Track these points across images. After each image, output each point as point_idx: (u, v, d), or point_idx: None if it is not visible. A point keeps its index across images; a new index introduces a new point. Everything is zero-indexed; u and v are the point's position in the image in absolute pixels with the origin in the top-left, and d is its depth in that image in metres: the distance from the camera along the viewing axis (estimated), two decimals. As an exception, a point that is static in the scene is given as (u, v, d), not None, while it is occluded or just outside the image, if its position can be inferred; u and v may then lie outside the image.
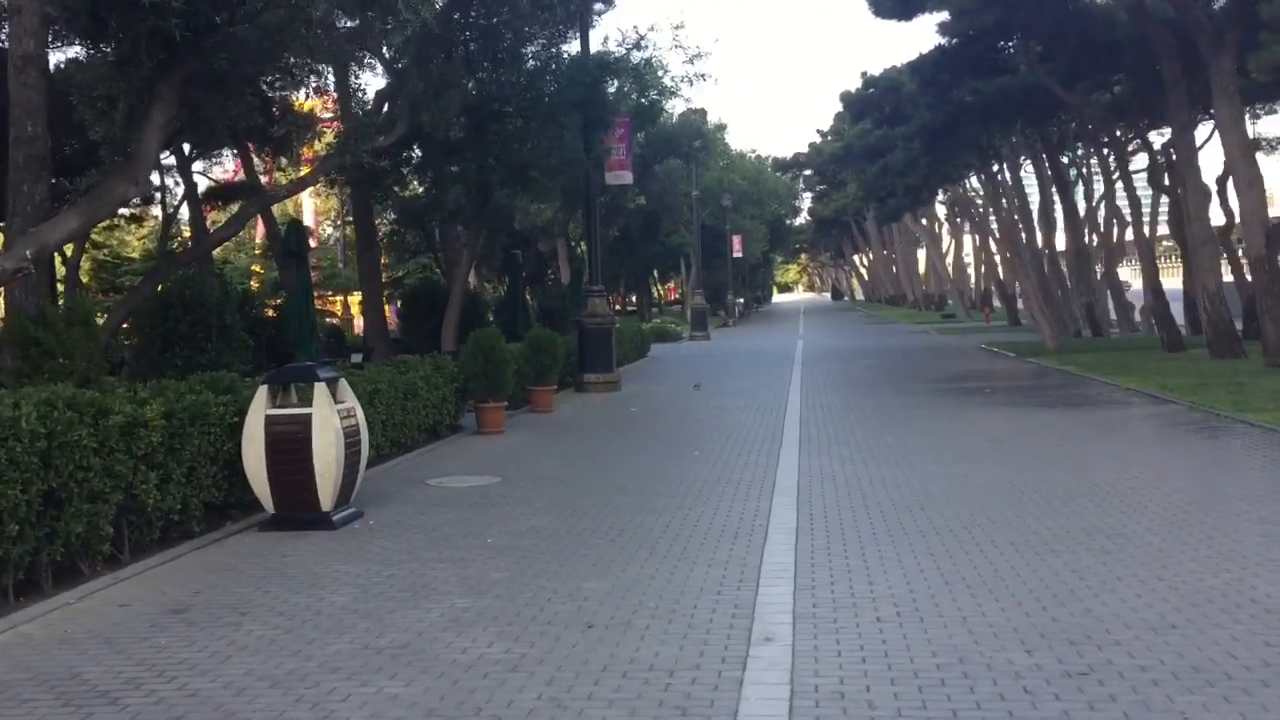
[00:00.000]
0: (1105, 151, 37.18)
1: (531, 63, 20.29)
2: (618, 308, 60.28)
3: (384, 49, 17.31)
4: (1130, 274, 53.15)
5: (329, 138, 28.41)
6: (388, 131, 16.96)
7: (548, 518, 9.01)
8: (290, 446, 8.85)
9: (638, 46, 20.30)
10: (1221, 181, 25.15)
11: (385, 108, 19.53)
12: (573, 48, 20.81)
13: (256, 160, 25.64)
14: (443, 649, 5.59)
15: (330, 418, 8.88)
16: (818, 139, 74.80)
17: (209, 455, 8.68)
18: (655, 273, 72.44)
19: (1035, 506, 8.56)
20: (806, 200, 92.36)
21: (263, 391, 9.01)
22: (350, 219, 65.78)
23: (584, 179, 20.79)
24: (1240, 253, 27.52)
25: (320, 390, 8.96)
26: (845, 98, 38.12)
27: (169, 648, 5.80)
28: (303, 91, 18.49)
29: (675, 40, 29.74)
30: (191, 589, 7.03)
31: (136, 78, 10.60)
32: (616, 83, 19.88)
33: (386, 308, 40.23)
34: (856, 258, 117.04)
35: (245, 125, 20.96)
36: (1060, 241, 38.59)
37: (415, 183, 28.39)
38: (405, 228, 31.90)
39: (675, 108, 41.20)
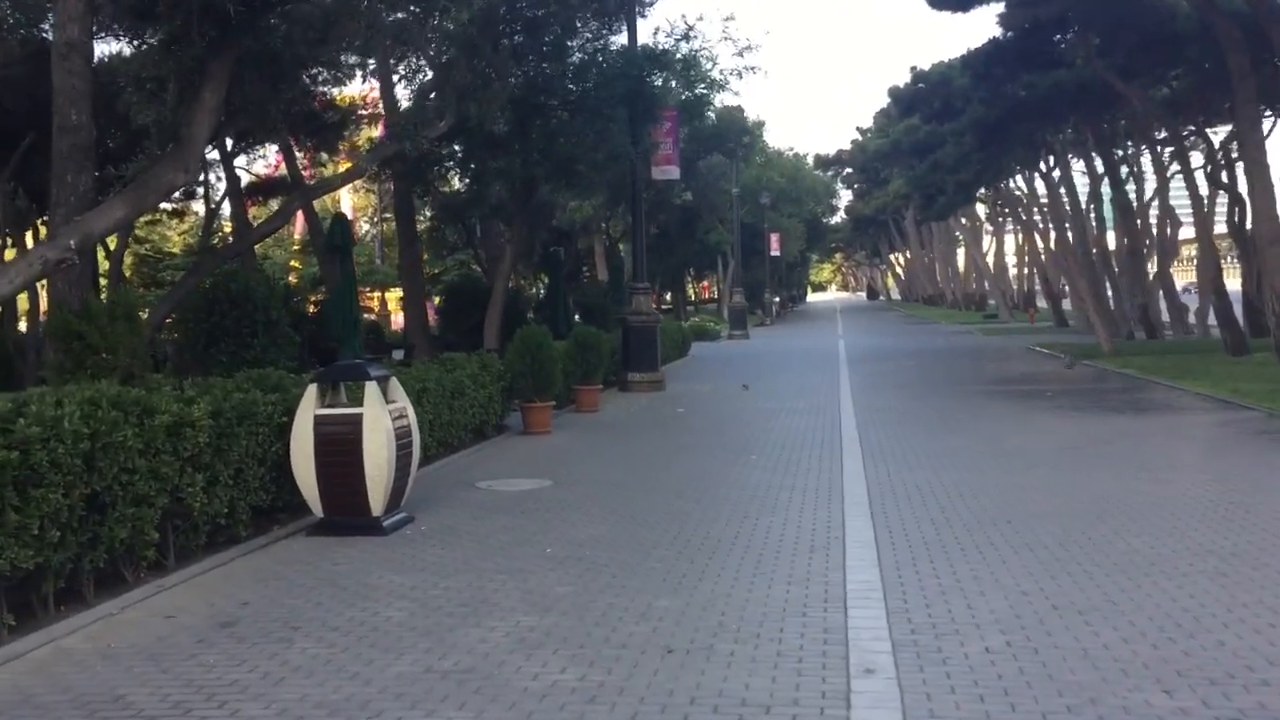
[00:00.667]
0: (1158, 148, 36.42)
1: (578, 55, 19.88)
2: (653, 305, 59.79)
3: (429, 43, 16.92)
4: (1178, 275, 52.05)
5: (370, 132, 28.17)
6: (435, 123, 16.58)
7: (606, 525, 8.57)
8: (340, 448, 8.45)
9: (686, 38, 19.83)
10: (1250, 179, 24.18)
11: (432, 98, 19.19)
12: (620, 39, 20.35)
13: (298, 155, 25.41)
14: (512, 674, 5.15)
15: (382, 418, 8.48)
16: (857, 137, 73.94)
17: (257, 456, 8.30)
18: (690, 271, 71.93)
19: (1130, 522, 8.02)
20: (844, 199, 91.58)
21: (312, 390, 8.63)
22: (388, 215, 65.88)
23: (630, 173, 20.32)
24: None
25: (371, 389, 8.55)
26: (894, 92, 37.37)
27: (218, 667, 5.39)
28: (354, 80, 18.14)
29: (725, 32, 29.13)
30: (239, 599, 6.64)
31: (187, 57, 10.22)
32: (665, 75, 19.39)
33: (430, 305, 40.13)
34: (893, 257, 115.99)
35: (293, 114, 20.83)
36: (1110, 240, 37.80)
37: (456, 178, 28.18)
38: (445, 224, 31.65)
39: (720, 102, 40.79)
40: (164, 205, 31.57)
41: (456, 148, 21.38)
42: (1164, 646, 5.19)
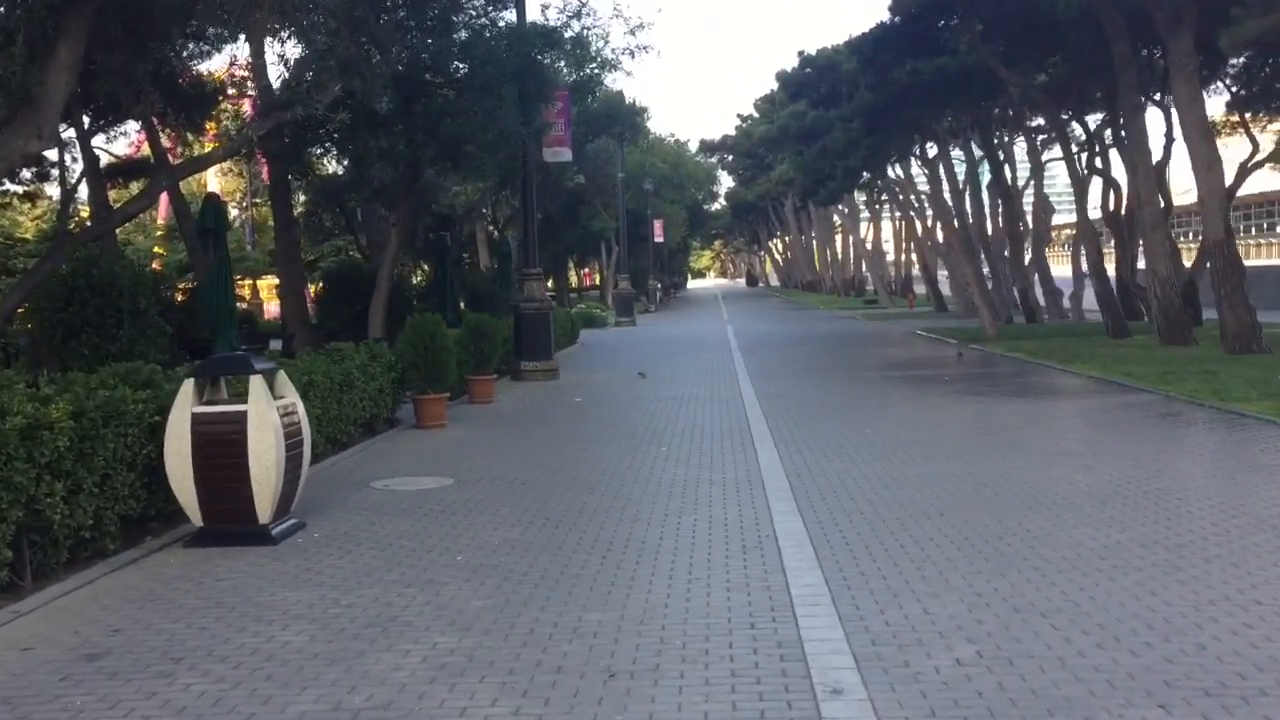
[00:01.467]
0: (1034, 136, 37.16)
1: (464, 31, 19.05)
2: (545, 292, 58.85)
3: (310, 12, 15.92)
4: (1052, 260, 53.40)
5: (242, 109, 26.77)
6: (315, 98, 15.60)
7: (519, 527, 7.95)
8: (222, 449, 7.64)
9: (578, 15, 19.17)
10: (1161, 165, 24.80)
11: (310, 76, 18.17)
12: (509, 16, 19.57)
13: (162, 136, 23.91)
14: (435, 709, 4.52)
15: (269, 415, 7.70)
16: (739, 123, 74.10)
17: (126, 461, 7.43)
18: (573, 258, 71.21)
19: (1065, 512, 7.75)
20: (724, 185, 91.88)
21: (188, 385, 7.78)
22: (259, 200, 63.49)
23: (521, 155, 19.59)
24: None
25: (257, 384, 7.76)
26: (781, 77, 37.30)
27: (86, 710, 4.64)
28: (224, 53, 17.00)
29: (616, 9, 28.49)
30: (109, 625, 5.84)
31: (39, 5, 9.16)
32: (556, 53, 18.72)
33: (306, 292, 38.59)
34: (772, 243, 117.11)
35: (159, 85, 19.49)
36: (987, 226, 38.41)
37: (335, 161, 26.97)
38: (322, 208, 30.40)
39: (612, 82, 40.05)
40: (14, 188, 29.62)
41: (333, 129, 20.38)
42: (1143, 653, 4.84)
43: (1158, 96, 27.97)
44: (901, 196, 47.14)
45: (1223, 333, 18.55)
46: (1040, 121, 37.62)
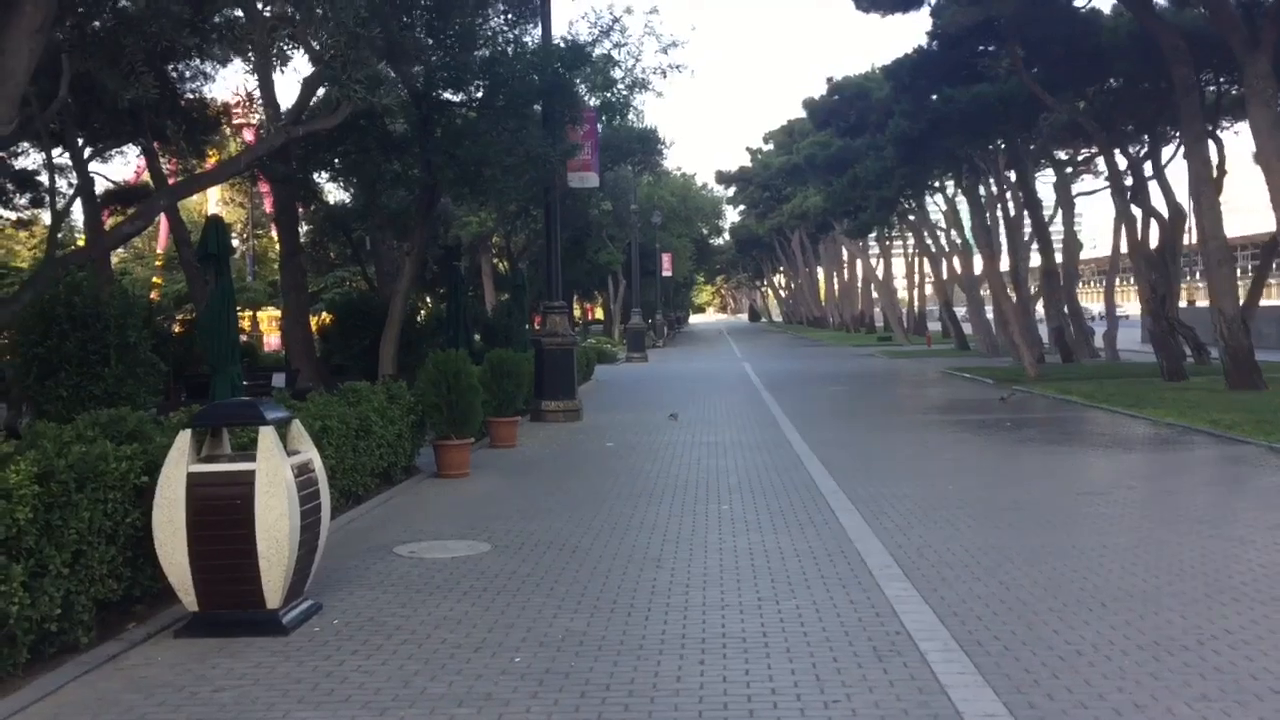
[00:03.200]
0: (1067, 170, 35.99)
1: (483, 50, 17.80)
2: (538, 326, 57.62)
3: (326, 21, 14.67)
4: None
5: (244, 136, 25.51)
6: (327, 114, 14.32)
7: (581, 614, 6.53)
8: (224, 517, 6.25)
9: (609, 32, 17.90)
10: (1196, 197, 23.33)
11: (322, 92, 16.91)
12: (536, 32, 18.35)
13: (163, 161, 22.65)
14: None
15: (282, 475, 6.29)
16: (748, 156, 73.04)
17: (105, 533, 6.03)
18: (577, 292, 69.98)
19: (1260, 604, 6.34)
20: (730, 218, 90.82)
21: (184, 438, 6.38)
22: (259, 231, 62.25)
23: (548, 179, 18.27)
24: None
25: (268, 436, 6.35)
26: (809, 104, 36.08)
27: None
28: (222, 83, 15.73)
29: (649, 27, 26.97)
30: (73, 764, 4.41)
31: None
32: (586, 71, 17.44)
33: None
34: (776, 278, 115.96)
35: (154, 110, 18.21)
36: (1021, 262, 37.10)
37: (343, 187, 25.68)
38: (328, 237, 29.11)
39: (642, 103, 38.75)
40: (8, 214, 28.29)
41: (344, 152, 19.09)
42: None
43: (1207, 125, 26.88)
44: (921, 231, 45.87)
45: (1306, 377, 17.17)
46: (1064, 155, 36.56)
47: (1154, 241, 28.04)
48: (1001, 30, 22.66)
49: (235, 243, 55.63)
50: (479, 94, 17.96)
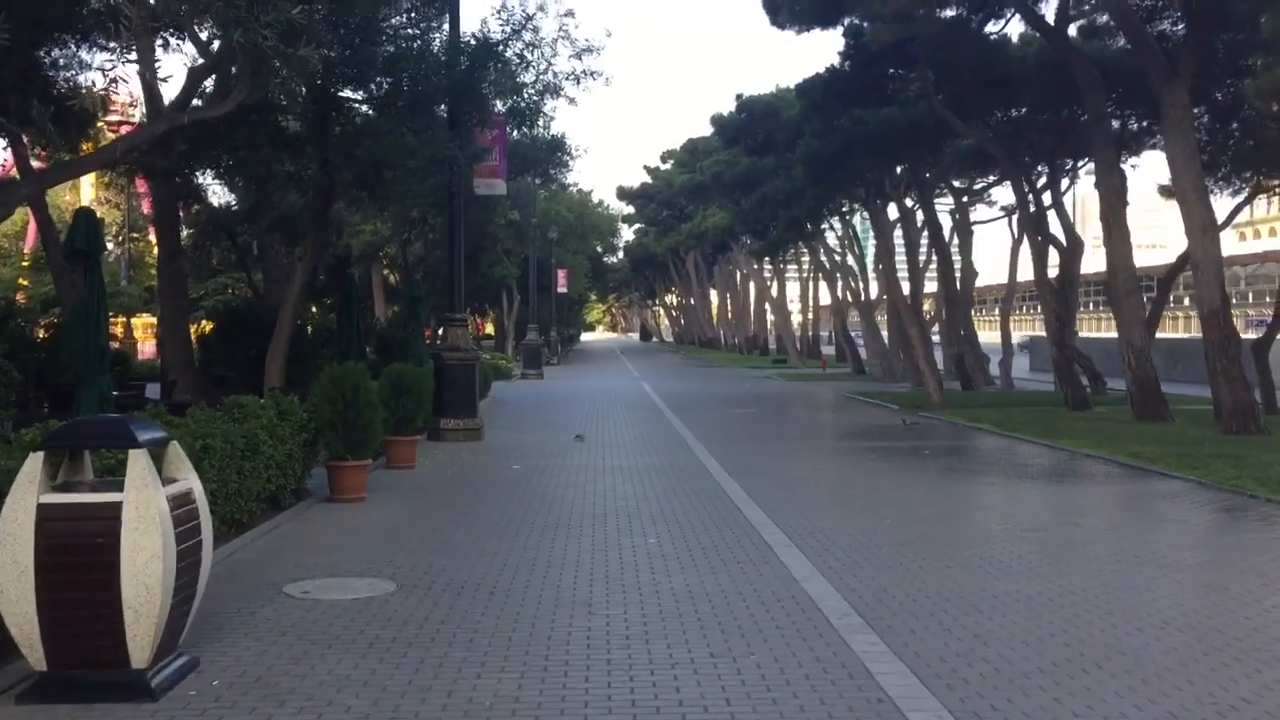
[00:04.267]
0: (964, 199, 36.23)
1: (387, 46, 16.74)
2: (435, 340, 56.12)
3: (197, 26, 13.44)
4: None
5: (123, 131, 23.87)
6: (218, 102, 13.13)
7: (509, 672, 5.64)
8: (82, 558, 5.21)
9: (520, 31, 16.98)
10: (1106, 226, 23.34)
11: (212, 82, 15.64)
12: (442, 27, 17.35)
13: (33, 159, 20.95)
14: None
15: (155, 506, 5.27)
16: (645, 176, 72.68)
17: (-71, 578, 4.93)
18: (470, 307, 68.56)
19: (1266, 664, 5.76)
20: (626, 236, 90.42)
21: (35, 462, 5.31)
22: (135, 235, 59.40)
23: (454, 184, 17.26)
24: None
25: (139, 463, 5.32)
26: (718, 121, 35.59)
27: None
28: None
29: (563, 29, 25.94)
30: None
31: None
32: (498, 69, 16.49)
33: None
34: (669, 298, 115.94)
35: (14, 95, 16.71)
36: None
37: (227, 187, 24.25)
38: (211, 240, 27.55)
39: (553, 109, 37.81)
40: None
41: (233, 147, 17.78)
42: None
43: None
44: (819, 253, 45.87)
45: (1217, 410, 17.08)
46: (959, 184, 36.82)
47: (1053, 271, 28.26)
48: (913, 54, 22.45)
49: (110, 245, 52.93)
50: (381, 92, 16.91)
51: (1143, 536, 9.54)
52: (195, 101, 16.55)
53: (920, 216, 33.92)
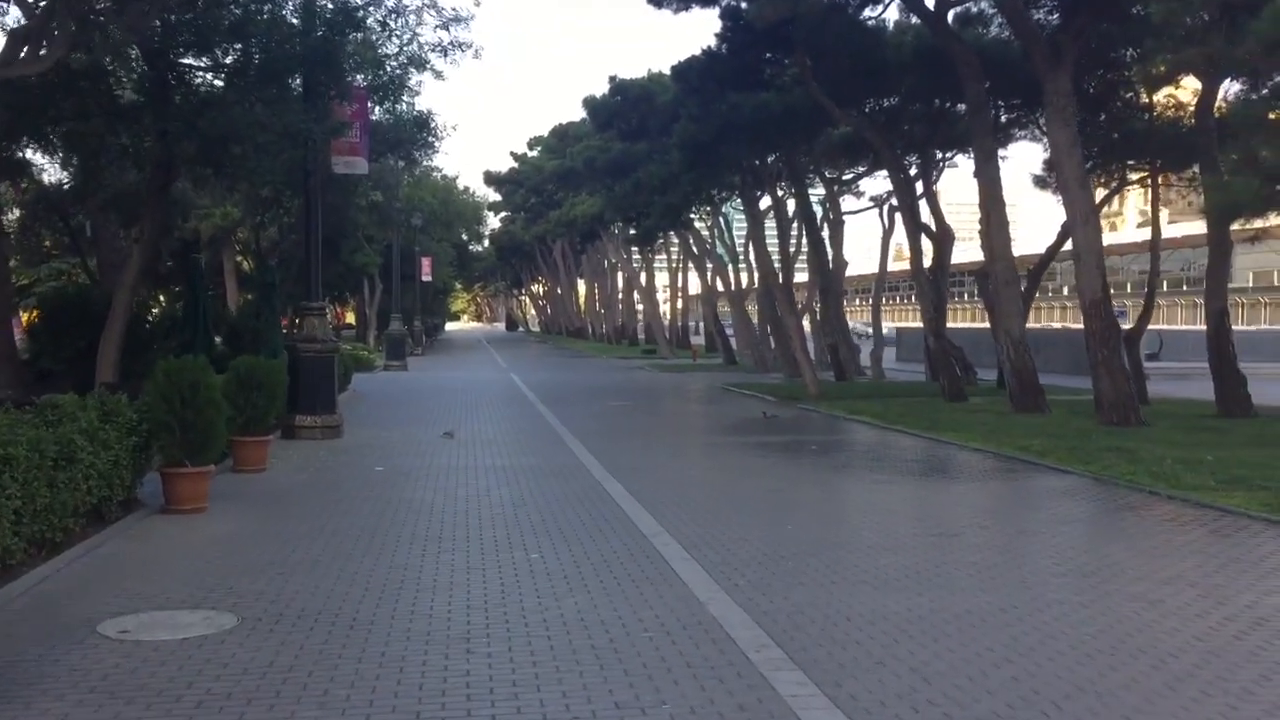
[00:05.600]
0: (835, 188, 36.11)
1: (235, 10, 15.31)
2: (291, 330, 53.71)
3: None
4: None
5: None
6: (32, 59, 11.61)
7: (372, 734, 4.62)
8: None
9: (379, -3, 15.72)
10: (985, 215, 23.22)
11: (27, 44, 13.99)
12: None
13: None
14: None
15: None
16: (512, 163, 71.20)
17: None
18: (330, 295, 66.10)
19: (1239, 695, 5.13)
20: (492, 224, 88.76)
21: None
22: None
23: (309, 161, 15.90)
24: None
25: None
26: (590, 104, 34.51)
27: None
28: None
29: None
30: None
31: None
32: (357, 42, 15.24)
33: (15, 321, 32.58)
34: (535, 287, 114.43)
35: None
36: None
37: (58, 163, 22.24)
38: (41, 222, 25.39)
39: (418, 84, 35.92)
40: None
41: (58, 117, 16.08)
42: None
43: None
44: (688, 241, 45.35)
45: (1098, 402, 16.94)
46: (830, 174, 36.71)
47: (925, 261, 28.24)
48: (792, 38, 21.90)
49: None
50: (228, 59, 15.47)
51: (1057, 541, 8.99)
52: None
53: (791, 205, 33.75)
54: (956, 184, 53.25)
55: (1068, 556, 8.31)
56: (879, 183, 38.24)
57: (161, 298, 32.51)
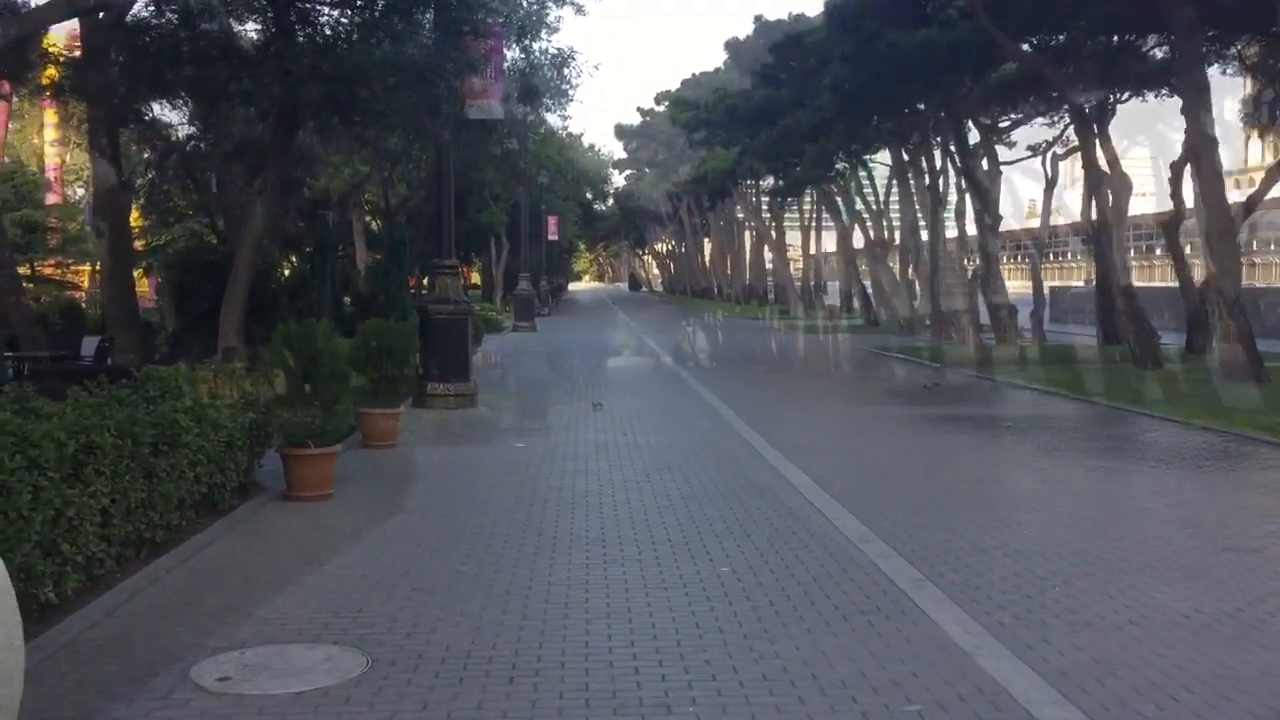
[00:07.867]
0: (992, 137, 33.45)
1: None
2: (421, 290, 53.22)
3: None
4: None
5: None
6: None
7: None
8: None
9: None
10: (1195, 160, 20.54)
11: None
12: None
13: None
14: None
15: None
16: (639, 117, 69.51)
17: None
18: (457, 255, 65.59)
19: None
20: (616, 183, 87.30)
21: None
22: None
23: (441, 103, 14.47)
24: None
25: None
26: (732, 45, 32.82)
27: None
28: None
29: None
30: None
31: None
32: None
33: (144, 279, 32.30)
34: (660, 246, 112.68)
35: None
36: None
37: (180, 110, 21.34)
38: (171, 180, 24.70)
39: (558, 20, 34.51)
40: None
41: (179, 63, 14.99)
42: None
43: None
44: (834, 195, 42.99)
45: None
46: (987, 121, 34.03)
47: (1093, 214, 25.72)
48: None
49: (80, 191, 49.62)
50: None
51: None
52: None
53: (939, 157, 31.29)
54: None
55: None
56: (1036, 131, 35.39)
57: (293, 258, 31.87)
